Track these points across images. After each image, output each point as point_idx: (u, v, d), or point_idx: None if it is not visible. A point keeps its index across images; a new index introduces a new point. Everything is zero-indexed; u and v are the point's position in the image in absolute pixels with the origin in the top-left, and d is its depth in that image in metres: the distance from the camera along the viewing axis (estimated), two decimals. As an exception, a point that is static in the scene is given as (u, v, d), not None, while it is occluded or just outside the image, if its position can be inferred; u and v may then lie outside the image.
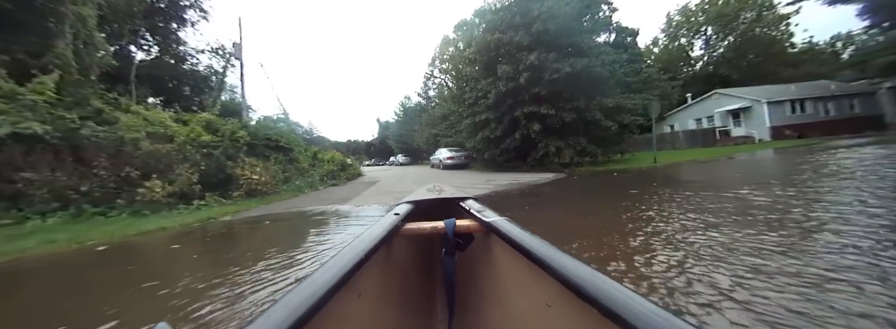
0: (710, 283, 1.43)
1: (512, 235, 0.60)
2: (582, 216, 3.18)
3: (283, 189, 7.30)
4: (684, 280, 1.49)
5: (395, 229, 0.71)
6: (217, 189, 6.33)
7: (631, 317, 0.32)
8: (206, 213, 4.86)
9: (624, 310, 0.34)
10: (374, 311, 0.60)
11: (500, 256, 0.71)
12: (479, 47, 11.25)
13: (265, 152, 7.71)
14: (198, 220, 4.24)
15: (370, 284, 0.59)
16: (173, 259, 2.66)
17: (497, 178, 8.23)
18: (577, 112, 9.58)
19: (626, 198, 3.96)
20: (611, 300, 0.35)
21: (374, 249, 0.56)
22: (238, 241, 3.21)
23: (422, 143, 24.80)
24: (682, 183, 5.21)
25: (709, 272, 1.54)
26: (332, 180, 9.61)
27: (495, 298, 0.71)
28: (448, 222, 0.75)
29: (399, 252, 0.81)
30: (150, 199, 5.16)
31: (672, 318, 0.31)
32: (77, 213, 4.78)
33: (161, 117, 6.80)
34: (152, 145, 5.73)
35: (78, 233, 3.52)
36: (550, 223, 2.94)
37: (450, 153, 15.18)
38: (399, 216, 0.78)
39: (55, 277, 2.35)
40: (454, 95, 15.59)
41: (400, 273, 0.80)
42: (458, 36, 28.35)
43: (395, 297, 0.71)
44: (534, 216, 3.37)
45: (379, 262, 0.65)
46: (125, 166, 5.39)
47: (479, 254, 0.79)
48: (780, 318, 1.12)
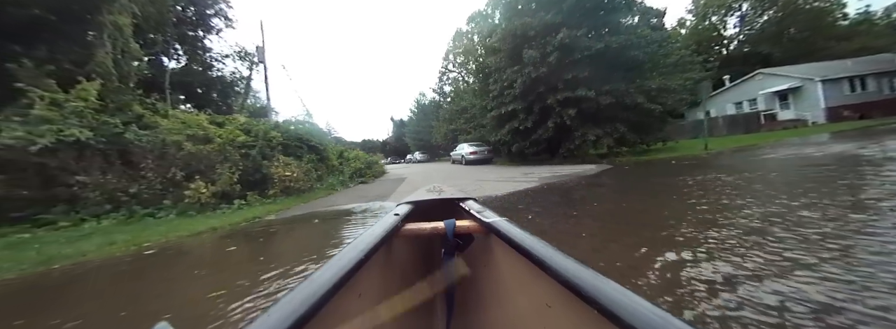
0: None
1: (512, 236, 0.60)
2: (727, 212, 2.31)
3: (316, 187, 7.24)
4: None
5: (396, 230, 0.71)
6: (255, 188, 6.31)
7: (630, 317, 0.32)
8: (249, 212, 4.78)
9: (623, 310, 0.34)
10: (374, 311, 0.60)
11: (499, 257, 0.70)
12: (504, 35, 10.72)
13: (297, 152, 7.67)
14: (244, 220, 4.13)
15: (370, 285, 0.60)
16: (234, 261, 2.47)
17: (534, 171, 7.77)
18: (615, 95, 8.88)
19: (733, 190, 3.12)
20: (610, 300, 0.35)
21: (374, 250, 0.56)
22: (296, 240, 3.02)
23: (440, 140, 24.52)
24: (776, 172, 4.44)
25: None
26: (361, 178, 9.52)
27: (495, 299, 0.72)
28: (448, 223, 0.74)
29: (399, 252, 0.81)
30: (196, 200, 5.16)
31: (671, 318, 0.31)
32: (129, 214, 4.84)
33: (198, 120, 6.86)
34: (194, 147, 5.75)
35: (133, 234, 3.47)
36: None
37: (472, 148, 14.79)
38: (399, 216, 0.77)
39: (118, 279, 2.22)
40: (475, 89, 15.10)
41: (400, 273, 0.80)
42: (471, 28, 27.74)
43: (394, 297, 0.71)
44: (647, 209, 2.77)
45: (379, 262, 0.64)
46: (170, 168, 5.43)
47: (480, 254, 0.79)
48: None
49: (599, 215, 2.68)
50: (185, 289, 1.89)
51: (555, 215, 2.80)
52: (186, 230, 3.56)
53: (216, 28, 16.60)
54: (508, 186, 5.22)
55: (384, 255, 0.69)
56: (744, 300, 1.15)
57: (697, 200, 2.82)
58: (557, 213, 2.89)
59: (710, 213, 2.37)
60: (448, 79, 29.34)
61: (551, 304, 0.50)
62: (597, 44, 8.68)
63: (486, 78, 13.24)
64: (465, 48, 27.90)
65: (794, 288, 1.19)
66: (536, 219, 2.73)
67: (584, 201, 3.42)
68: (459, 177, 8.16)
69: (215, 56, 16.89)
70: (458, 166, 14.22)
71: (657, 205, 2.94)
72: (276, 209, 4.94)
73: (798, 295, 1.14)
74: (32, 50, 7.69)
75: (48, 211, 4.58)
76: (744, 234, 1.81)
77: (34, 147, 4.43)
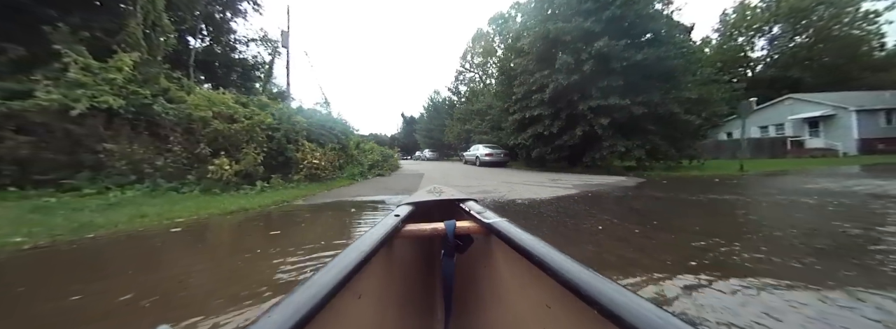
0: None
1: (512, 236, 0.60)
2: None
3: (338, 176, 7.06)
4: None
5: (396, 231, 0.70)
6: (276, 171, 6.15)
7: (630, 317, 0.32)
8: (275, 195, 4.61)
9: (623, 310, 0.33)
10: (374, 312, 0.59)
11: (500, 257, 0.70)
12: (534, 38, 10.47)
13: (321, 139, 7.51)
14: (273, 202, 3.95)
15: (370, 286, 0.59)
16: (285, 246, 2.27)
17: (560, 178, 7.50)
18: (648, 106, 8.57)
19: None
20: (610, 301, 0.35)
21: (374, 251, 0.56)
22: (340, 229, 2.82)
23: (452, 139, 24.32)
24: (826, 192, 4.20)
25: None
26: (378, 171, 9.34)
27: (495, 299, 0.71)
28: (448, 224, 0.74)
29: (399, 253, 0.79)
30: (220, 178, 5.00)
31: (671, 318, 0.31)
32: (152, 187, 4.70)
33: (223, 99, 6.73)
34: (221, 124, 5.61)
35: (162, 208, 3.30)
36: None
37: (488, 149, 14.55)
38: (399, 217, 0.76)
39: (170, 254, 2.04)
40: (497, 90, 14.85)
41: (400, 274, 0.79)
42: (492, 29, 27.53)
43: (395, 298, 0.70)
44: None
45: (379, 263, 0.64)
46: (198, 143, 5.29)
47: (480, 255, 0.78)
48: None
49: (700, 232, 2.25)
50: (249, 268, 1.69)
51: (634, 225, 2.52)
52: (216, 208, 3.38)
53: (243, 11, 16.64)
54: (545, 191, 4.98)
55: (384, 255, 0.68)
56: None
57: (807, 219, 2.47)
58: (632, 221, 2.63)
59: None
60: (464, 78, 29.16)
61: (551, 304, 0.50)
62: (636, 55, 8.39)
63: (510, 80, 12.99)
64: (484, 49, 27.73)
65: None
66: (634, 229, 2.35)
67: (652, 214, 3.10)
68: (481, 178, 7.92)
69: (240, 38, 16.93)
70: (473, 167, 13.99)
71: (755, 225, 2.49)
72: (301, 194, 4.76)
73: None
74: (67, 16, 7.67)
75: (72, 176, 4.46)
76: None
77: (74, 111, 4.32)
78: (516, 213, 3.18)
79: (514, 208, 3.49)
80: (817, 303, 1.20)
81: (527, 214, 3.11)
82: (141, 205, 3.45)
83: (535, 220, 2.81)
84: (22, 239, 2.16)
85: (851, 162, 11.65)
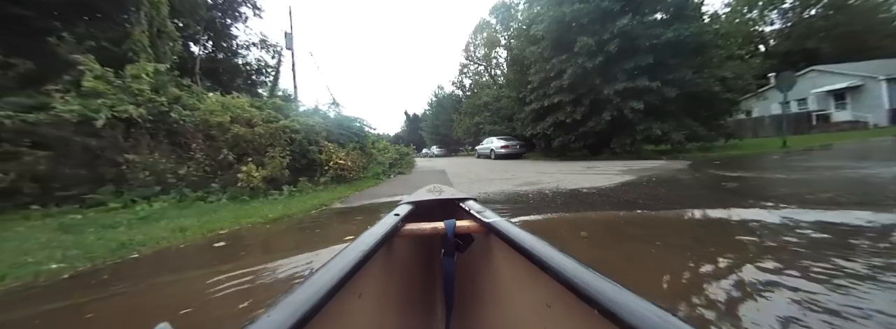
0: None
1: (512, 236, 0.59)
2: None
3: (363, 176, 6.76)
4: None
5: (396, 230, 0.71)
6: (302, 175, 5.87)
7: (630, 317, 0.32)
8: (310, 199, 4.31)
9: (623, 310, 0.34)
10: (375, 311, 0.59)
11: (499, 257, 0.70)
12: (550, 22, 9.97)
13: (340, 139, 7.21)
14: (312, 207, 3.65)
15: (370, 285, 0.59)
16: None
17: (596, 165, 7.10)
18: (680, 85, 8.09)
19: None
20: (610, 300, 0.35)
21: (374, 250, 0.56)
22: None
23: (461, 134, 23.90)
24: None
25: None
26: (399, 169, 9.03)
27: (495, 299, 0.71)
28: (448, 223, 0.74)
29: (399, 253, 0.79)
30: (247, 185, 4.73)
31: (671, 318, 0.31)
32: (179, 197, 4.44)
33: (238, 103, 6.44)
34: (241, 129, 5.33)
35: (198, 219, 3.02)
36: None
37: (503, 142, 14.13)
38: (399, 217, 0.76)
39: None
40: (509, 79, 14.37)
41: (400, 274, 0.78)
42: (495, 19, 26.87)
43: (395, 297, 0.70)
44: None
45: (379, 262, 0.64)
46: (221, 149, 5.01)
47: (480, 254, 0.78)
48: None
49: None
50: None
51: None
52: (256, 216, 3.09)
53: (243, 17, 16.32)
54: (598, 178, 4.60)
55: (384, 255, 0.67)
56: None
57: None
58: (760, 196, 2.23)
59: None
60: (469, 72, 28.63)
61: (551, 304, 0.50)
62: (666, 32, 7.88)
63: (524, 69, 12.52)
64: (488, 40, 27.10)
65: None
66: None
67: (760, 189, 2.69)
68: (510, 170, 7.55)
69: (241, 44, 16.63)
70: (490, 161, 13.60)
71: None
72: (335, 197, 4.47)
73: None
74: (73, 27, 7.43)
75: (95, 191, 4.21)
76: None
77: (98, 122, 4.05)
78: (609, 203, 2.80)
79: (597, 198, 3.10)
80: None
81: (621, 202, 2.74)
82: (174, 217, 3.18)
83: (651, 206, 2.41)
84: (58, 265, 1.86)
85: (886, 133, 10.99)
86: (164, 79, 6.19)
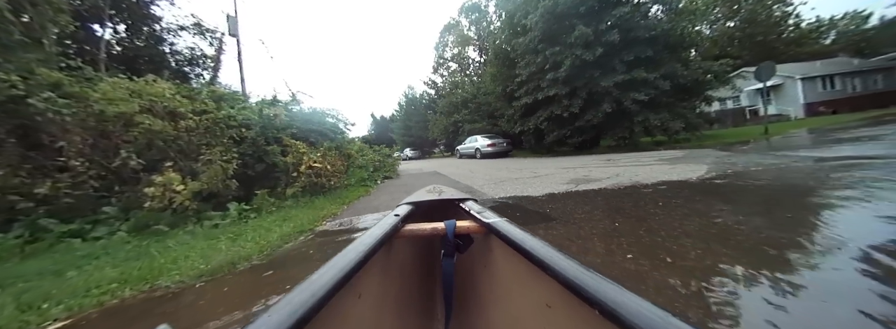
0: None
1: (512, 236, 0.59)
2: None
3: (345, 183, 5.22)
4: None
5: (396, 230, 0.70)
6: (258, 186, 4.21)
7: (630, 317, 0.32)
8: (277, 222, 2.80)
9: (623, 310, 0.34)
10: (374, 312, 0.59)
11: (500, 257, 0.70)
12: (544, 12, 9.37)
13: (311, 138, 5.56)
14: (279, 239, 2.20)
15: (370, 285, 0.59)
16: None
17: (617, 158, 6.48)
18: (672, 77, 8.05)
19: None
20: (611, 300, 0.35)
21: (374, 250, 0.55)
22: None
23: (437, 134, 22.78)
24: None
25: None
26: (385, 172, 7.57)
27: (495, 299, 0.70)
28: (448, 223, 0.73)
29: (399, 253, 0.79)
30: (165, 205, 3.02)
31: (671, 318, 0.31)
32: (30, 233, 2.60)
33: (156, 89, 4.51)
34: (157, 122, 3.55)
35: (40, 291, 1.44)
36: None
37: (489, 140, 13.33)
38: (399, 217, 0.75)
39: None
40: (493, 74, 13.65)
41: (400, 274, 0.78)
42: (465, 19, 26.46)
43: (395, 298, 0.70)
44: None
45: (379, 263, 0.64)
46: (118, 152, 3.20)
47: (480, 255, 0.78)
48: None
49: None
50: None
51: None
52: (174, 269, 1.60)
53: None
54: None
55: (384, 255, 0.67)
56: None
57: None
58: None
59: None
60: (442, 70, 27.78)
61: (551, 304, 0.49)
62: (664, 24, 7.76)
63: (510, 62, 11.88)
64: (459, 37, 26.53)
65: None
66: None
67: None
68: (522, 169, 6.61)
69: (168, 27, 13.45)
70: (476, 161, 12.68)
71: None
72: (318, 216, 3.01)
73: None
74: None
75: None
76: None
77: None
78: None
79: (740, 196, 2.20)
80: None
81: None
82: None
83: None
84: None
85: (805, 124, 12.49)
86: (28, 57, 4.06)
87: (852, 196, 2.00)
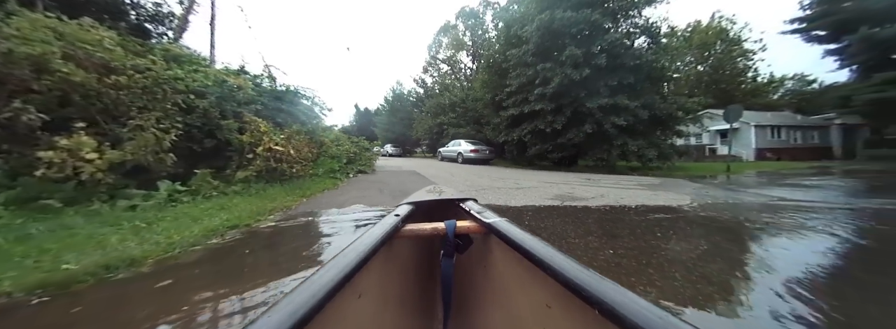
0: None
1: (512, 236, 0.60)
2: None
3: (311, 173, 4.67)
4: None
5: (396, 230, 0.70)
6: (203, 163, 3.61)
7: (630, 317, 0.33)
8: (210, 211, 2.31)
9: (623, 310, 0.34)
10: (375, 312, 0.59)
11: (500, 257, 0.70)
12: (538, 27, 9.49)
13: (279, 118, 4.94)
14: (208, 231, 1.77)
15: (370, 285, 0.59)
16: None
17: (597, 179, 6.55)
18: (650, 108, 8.46)
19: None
20: (610, 301, 0.35)
21: (374, 250, 0.55)
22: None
23: (421, 134, 22.38)
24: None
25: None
26: (359, 166, 7.05)
27: (495, 299, 0.71)
28: (449, 223, 0.74)
29: (399, 253, 0.79)
30: (66, 175, 2.41)
31: (671, 318, 0.31)
32: None
33: (92, 36, 3.77)
34: (79, 73, 2.88)
35: None
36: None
37: (473, 146, 13.22)
38: (399, 217, 0.75)
39: None
40: (484, 80, 13.63)
41: (400, 274, 0.78)
42: (462, 23, 26.54)
43: (395, 298, 0.70)
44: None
45: (379, 263, 0.63)
46: (9, 101, 2.53)
47: (480, 255, 0.78)
48: None
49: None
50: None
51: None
52: (26, 270, 1.13)
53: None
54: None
55: (384, 255, 0.66)
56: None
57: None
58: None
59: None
60: (433, 70, 27.55)
61: (551, 304, 0.50)
62: (648, 55, 8.14)
63: (502, 71, 11.91)
64: (454, 40, 26.51)
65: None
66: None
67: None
68: (504, 178, 6.46)
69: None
70: (457, 165, 12.44)
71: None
72: (265, 208, 2.54)
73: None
74: None
75: None
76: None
77: None
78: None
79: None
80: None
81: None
82: None
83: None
84: None
85: (754, 167, 13.83)
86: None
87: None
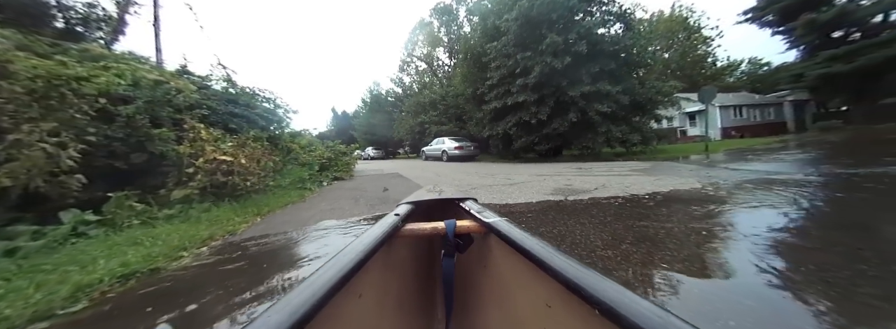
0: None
1: (512, 236, 0.60)
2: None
3: (272, 184, 4.00)
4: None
5: (396, 230, 0.70)
6: (129, 184, 2.90)
7: (630, 317, 0.33)
8: (121, 252, 1.71)
9: (623, 310, 0.34)
10: (374, 312, 0.59)
11: (500, 257, 0.70)
12: (519, 15, 9.18)
13: (232, 123, 4.21)
14: (83, 287, 1.21)
15: (370, 285, 0.59)
16: None
17: (588, 167, 6.31)
18: (631, 93, 8.46)
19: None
20: (611, 300, 0.36)
21: (374, 250, 0.55)
22: None
23: (403, 134, 21.70)
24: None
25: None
26: (335, 172, 6.41)
27: (495, 299, 0.71)
28: (448, 223, 0.74)
29: (399, 253, 0.79)
30: None
31: (671, 318, 0.31)
32: None
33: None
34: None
35: None
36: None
37: (457, 143, 12.84)
38: (399, 217, 0.75)
39: None
40: (464, 74, 13.23)
41: (400, 274, 0.78)
42: (437, 20, 26.02)
43: (395, 298, 0.70)
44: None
45: (379, 262, 0.63)
46: None
47: (480, 254, 0.78)
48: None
49: None
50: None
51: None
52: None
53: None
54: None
55: (384, 255, 0.66)
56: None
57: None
58: None
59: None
60: (410, 69, 26.85)
61: (551, 304, 0.50)
62: (624, 38, 8.07)
63: (482, 64, 11.56)
64: (429, 37, 25.94)
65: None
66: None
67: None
68: (493, 174, 6.08)
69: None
70: (442, 163, 12.00)
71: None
72: (199, 236, 1.96)
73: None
74: None
75: None
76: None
77: None
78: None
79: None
80: None
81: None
82: None
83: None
84: None
85: (724, 145, 14.50)
86: None
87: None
